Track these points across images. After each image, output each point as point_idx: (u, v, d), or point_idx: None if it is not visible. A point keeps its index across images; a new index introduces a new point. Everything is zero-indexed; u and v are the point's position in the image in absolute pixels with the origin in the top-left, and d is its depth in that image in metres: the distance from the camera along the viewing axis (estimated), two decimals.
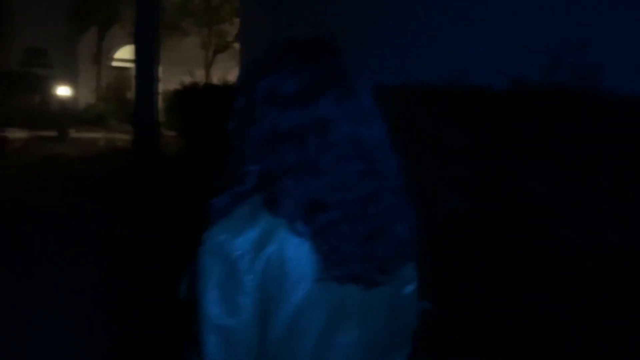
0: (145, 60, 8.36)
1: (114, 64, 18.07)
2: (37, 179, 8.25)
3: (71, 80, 15.51)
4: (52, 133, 13.22)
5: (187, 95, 8.40)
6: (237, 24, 17.19)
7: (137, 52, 8.45)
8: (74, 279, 4.09)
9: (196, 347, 0.88)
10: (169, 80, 15.33)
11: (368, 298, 0.92)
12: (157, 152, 8.58)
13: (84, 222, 6.02)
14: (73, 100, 14.44)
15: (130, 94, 19.08)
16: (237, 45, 18.03)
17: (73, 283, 4.01)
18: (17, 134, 12.75)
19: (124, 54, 18.15)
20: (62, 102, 13.75)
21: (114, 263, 4.53)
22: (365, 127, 0.90)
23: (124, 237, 5.34)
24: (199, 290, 0.87)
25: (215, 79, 16.61)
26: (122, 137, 12.24)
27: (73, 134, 13.60)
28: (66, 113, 13.59)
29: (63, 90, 13.73)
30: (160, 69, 18.29)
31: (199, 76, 16.93)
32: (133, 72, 19.28)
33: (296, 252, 0.85)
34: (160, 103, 11.72)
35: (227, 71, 18.10)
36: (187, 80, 9.86)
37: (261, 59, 0.94)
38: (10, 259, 4.60)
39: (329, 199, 0.86)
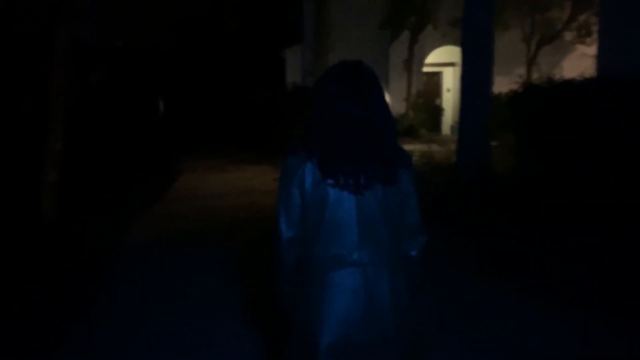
0: (475, 58, 6.89)
1: (425, 69, 17.26)
2: None
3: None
4: None
5: (527, 97, 6.64)
6: (569, 9, 14.61)
7: (465, 48, 7.01)
8: None
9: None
10: None
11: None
12: (487, 168, 6.98)
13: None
14: None
15: (440, 101, 18.13)
16: (567, 35, 15.41)
17: None
18: None
19: (435, 58, 17.19)
20: None
21: None
22: (362, 110, 1.83)
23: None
24: (279, 183, 1.90)
25: (537, 77, 14.38)
26: (437, 149, 11.07)
27: None
28: None
29: None
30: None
31: (518, 75, 14.84)
32: (443, 77, 18.41)
33: (314, 169, 1.81)
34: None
35: (551, 67, 15.60)
36: (508, 80, 8.19)
37: (327, 74, 1.98)
38: None
39: (330, 145, 1.82)
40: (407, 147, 13.58)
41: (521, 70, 15.18)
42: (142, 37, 12.63)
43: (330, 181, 1.78)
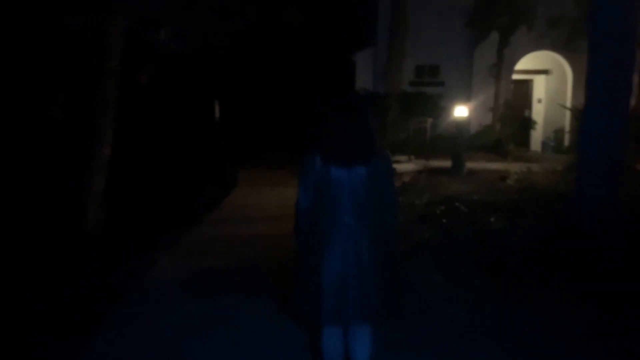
0: (609, 61, 5.28)
1: (515, 76, 15.34)
2: (434, 239, 5.96)
3: (465, 99, 13.48)
4: (444, 163, 11.25)
5: None
6: None
7: (594, 48, 5.40)
8: None
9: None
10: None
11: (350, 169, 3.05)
12: (617, 205, 5.32)
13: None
14: (466, 121, 12.23)
15: (529, 113, 16.14)
16: None
17: None
18: (406, 166, 11.23)
19: (525, 64, 15.28)
20: (457, 124, 11.67)
21: None
22: (349, 123, 3.03)
23: None
24: (300, 172, 3.16)
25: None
26: (535, 169, 9.31)
27: (468, 163, 11.39)
28: (460, 138, 11.45)
29: (459, 111, 11.63)
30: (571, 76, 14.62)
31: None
32: (533, 86, 16.42)
33: (320, 160, 3.03)
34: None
35: None
36: None
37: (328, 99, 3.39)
38: None
39: (332, 145, 3.03)
40: (495, 165, 11.80)
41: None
42: (199, 35, 11.50)
43: (329, 166, 2.98)
